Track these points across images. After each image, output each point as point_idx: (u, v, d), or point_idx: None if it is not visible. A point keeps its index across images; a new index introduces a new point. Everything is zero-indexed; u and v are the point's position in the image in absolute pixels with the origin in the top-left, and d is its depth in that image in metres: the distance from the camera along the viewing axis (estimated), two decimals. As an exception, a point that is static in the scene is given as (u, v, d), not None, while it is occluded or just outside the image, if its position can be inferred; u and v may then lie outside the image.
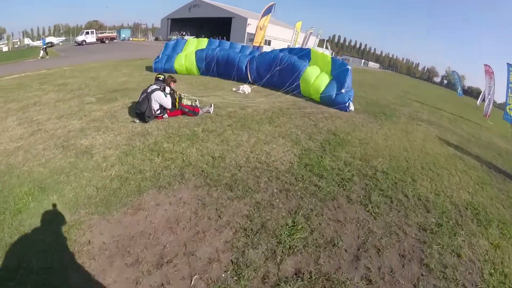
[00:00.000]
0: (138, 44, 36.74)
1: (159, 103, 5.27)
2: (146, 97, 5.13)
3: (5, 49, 38.01)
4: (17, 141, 4.77)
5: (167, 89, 5.49)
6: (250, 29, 33.31)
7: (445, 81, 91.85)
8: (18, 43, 43.00)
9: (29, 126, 5.38)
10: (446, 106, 16.52)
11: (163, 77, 5.65)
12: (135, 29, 62.51)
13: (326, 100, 7.89)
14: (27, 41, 42.64)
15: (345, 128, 6.39)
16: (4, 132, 5.17)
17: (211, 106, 6.13)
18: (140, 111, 5.15)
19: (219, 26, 44.67)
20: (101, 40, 35.99)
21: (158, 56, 10.46)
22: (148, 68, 11.78)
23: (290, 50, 9.20)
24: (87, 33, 34.84)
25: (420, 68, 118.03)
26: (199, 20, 46.65)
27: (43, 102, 6.92)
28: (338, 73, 8.09)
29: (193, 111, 5.73)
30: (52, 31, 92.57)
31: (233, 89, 8.59)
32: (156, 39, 48.52)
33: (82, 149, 4.41)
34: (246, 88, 8.50)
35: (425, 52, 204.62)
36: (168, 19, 49.52)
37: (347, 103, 7.74)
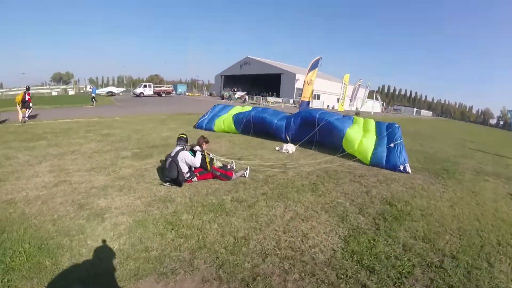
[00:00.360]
0: (192, 99, 40.17)
1: (186, 164, 4.98)
2: (173, 161, 4.91)
3: (71, 92, 43.84)
4: (40, 190, 4.79)
5: (197, 148, 5.29)
6: (299, 84, 35.10)
7: (501, 122, 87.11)
8: (84, 88, 49.32)
9: (57, 175, 5.46)
10: (509, 151, 14.89)
11: (185, 136, 5.48)
12: (192, 84, 68.06)
13: (377, 162, 7.00)
14: (89, 88, 48.82)
15: (403, 194, 5.35)
16: (32, 178, 5.31)
17: (247, 169, 5.68)
18: (171, 177, 4.86)
19: (269, 82, 47.10)
20: (158, 94, 39.12)
21: (204, 115, 10.97)
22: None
23: (331, 115, 8.91)
24: (145, 86, 38.15)
25: (474, 111, 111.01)
26: (250, 77, 50.28)
27: (81, 151, 7.23)
28: (388, 134, 7.40)
29: (225, 175, 5.31)
30: (115, 81, 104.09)
31: (276, 148, 8.22)
32: (210, 94, 52.19)
33: (97, 210, 4.10)
34: (290, 147, 8.06)
35: (477, 94, 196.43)
36: (221, 75, 54.24)
37: (403, 166, 6.77)
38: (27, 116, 12.26)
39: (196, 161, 5.10)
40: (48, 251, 3.09)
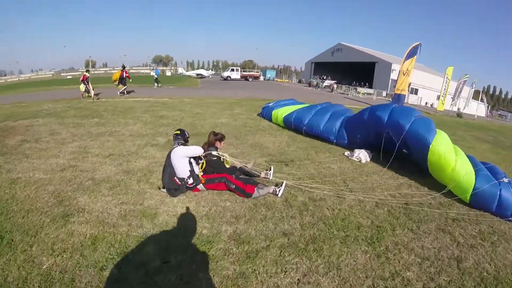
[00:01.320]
0: (278, 85, 40.21)
1: (187, 164, 3.79)
2: (165, 165, 3.84)
3: (168, 73, 51.16)
4: (46, 173, 4.70)
5: (212, 151, 4.07)
6: (394, 75, 30.66)
7: None
8: (179, 70, 56.71)
9: (73, 159, 5.38)
10: None
11: (179, 132, 4.25)
12: (282, 70, 69.18)
13: (482, 202, 4.06)
14: (180, 70, 56.26)
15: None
16: (51, 158, 5.41)
17: (282, 185, 4.11)
18: (164, 185, 3.89)
19: (361, 72, 43.89)
20: (245, 78, 41.53)
21: (269, 103, 9.80)
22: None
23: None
24: (232, 70, 42.27)
25: None
26: (342, 65, 47.63)
27: (120, 133, 7.22)
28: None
29: (243, 190, 3.87)
30: (211, 65, 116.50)
31: (346, 153, 6.18)
32: (299, 81, 52.13)
33: (68, 211, 3.57)
34: (363, 154, 5.86)
35: None
36: (311, 62, 52.98)
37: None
38: (125, 92, 15.50)
39: (195, 151, 3.99)
40: (11, 246, 2.84)
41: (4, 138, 6.77)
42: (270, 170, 4.61)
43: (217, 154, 4.21)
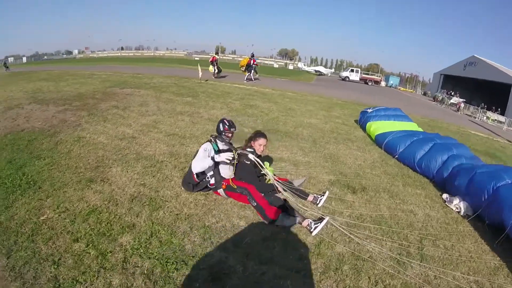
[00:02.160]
0: (399, 94, 36.87)
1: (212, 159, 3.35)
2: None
3: (290, 67, 54.41)
4: (108, 138, 5.30)
5: (251, 156, 3.48)
6: None
7: None
8: (298, 65, 59.16)
9: (138, 131, 5.91)
10: None
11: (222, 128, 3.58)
12: (408, 78, 65.05)
13: None
14: (300, 64, 58.32)
15: None
16: (123, 127, 6.13)
17: (322, 222, 3.06)
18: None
19: (493, 93, 37.10)
20: (364, 81, 39.99)
21: (367, 109, 8.58)
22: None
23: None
24: (352, 70, 41.40)
25: None
26: (473, 81, 41.03)
27: (200, 115, 7.59)
28: None
29: (263, 211, 3.05)
30: (334, 64, 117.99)
31: (444, 196, 4.37)
32: (424, 93, 47.42)
33: (97, 177, 3.81)
34: (464, 205, 4.10)
35: None
36: (441, 74, 46.50)
37: None
38: (252, 78, 17.70)
39: (203, 163, 3.29)
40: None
41: (101, 101, 8.16)
42: (324, 195, 3.65)
43: (253, 159, 3.52)
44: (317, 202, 3.54)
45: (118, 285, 2.11)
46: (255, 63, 18.04)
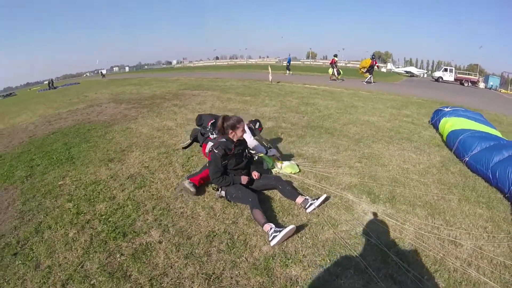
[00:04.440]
0: (498, 96, 30.21)
1: None
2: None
3: (383, 70, 53.04)
4: (149, 129, 6.48)
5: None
6: None
7: None
8: (388, 66, 59.27)
9: (178, 124, 6.95)
10: None
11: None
12: (511, 80, 54.19)
13: None
14: (389, 66, 58.58)
15: None
16: (168, 121, 7.22)
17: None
18: None
19: None
20: (460, 81, 36.91)
21: (444, 108, 7.64)
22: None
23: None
24: (445, 70, 38.79)
25: None
26: None
27: (246, 111, 8.23)
28: None
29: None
30: (430, 65, 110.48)
31: None
32: None
33: (117, 158, 4.85)
34: None
35: None
36: None
37: None
38: (371, 81, 18.39)
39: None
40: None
41: (167, 100, 9.74)
42: (318, 199, 3.32)
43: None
44: (306, 206, 3.24)
45: (71, 237, 2.85)
46: (376, 64, 18.90)
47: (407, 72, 48.67)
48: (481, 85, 39.37)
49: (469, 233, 2.98)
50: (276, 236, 2.65)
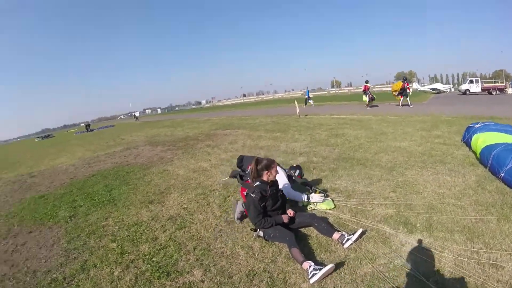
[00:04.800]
0: None
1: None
2: None
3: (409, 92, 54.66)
4: (185, 171, 6.82)
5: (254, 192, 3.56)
6: None
7: None
8: (413, 86, 58.78)
9: (212, 165, 7.20)
10: None
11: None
12: None
13: None
14: (415, 85, 58.57)
15: None
16: (203, 162, 7.56)
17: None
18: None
19: None
20: (487, 91, 35.89)
21: (475, 124, 7.40)
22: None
23: None
24: (471, 81, 38.60)
25: None
26: None
27: (276, 148, 8.31)
28: None
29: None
30: (455, 78, 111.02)
31: None
32: None
33: (156, 200, 5.14)
34: None
35: None
36: None
37: None
38: (408, 103, 18.34)
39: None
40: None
41: (200, 141, 10.21)
42: (354, 233, 3.33)
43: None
44: (343, 242, 3.24)
45: (116, 276, 2.99)
46: (408, 86, 19.02)
47: (433, 89, 49.12)
48: (510, 90, 38.66)
49: (510, 254, 2.86)
50: (315, 274, 2.68)
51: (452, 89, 50.84)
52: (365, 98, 19.44)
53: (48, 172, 8.78)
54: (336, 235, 3.32)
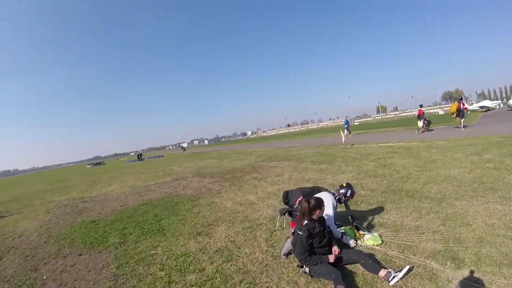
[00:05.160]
0: None
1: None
2: None
3: (441, 112, 50.61)
4: (232, 203, 7.01)
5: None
6: None
7: None
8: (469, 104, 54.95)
9: (259, 198, 7.29)
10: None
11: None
12: None
13: None
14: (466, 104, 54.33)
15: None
16: (249, 194, 7.65)
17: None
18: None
19: None
20: None
21: None
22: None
23: None
24: None
25: None
26: None
27: (322, 181, 7.99)
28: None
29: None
30: (506, 91, 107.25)
31: None
32: None
33: (204, 232, 5.30)
34: None
35: None
36: None
37: None
38: (462, 126, 17.88)
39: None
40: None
41: (247, 173, 10.44)
42: (401, 271, 3.25)
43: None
44: (390, 279, 3.17)
45: None
46: (465, 106, 18.63)
47: (481, 107, 48.06)
48: None
49: None
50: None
51: (501, 105, 49.21)
52: (420, 123, 18.98)
53: (100, 198, 9.47)
54: (382, 272, 3.28)
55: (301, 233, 3.42)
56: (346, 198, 4.59)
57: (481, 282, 2.95)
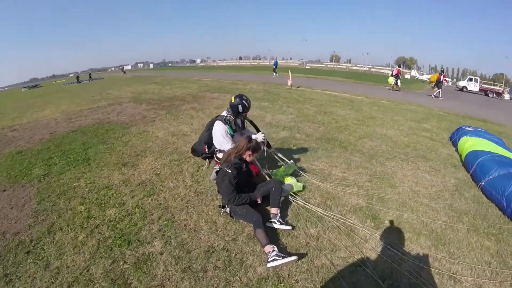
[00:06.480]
0: None
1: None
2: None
3: (407, 76, 55.65)
4: (164, 134, 6.80)
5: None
6: None
7: None
8: (412, 73, 59.95)
9: (193, 129, 7.17)
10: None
11: (235, 100, 4.07)
12: None
13: None
14: (413, 73, 59.86)
15: None
16: (184, 125, 7.45)
17: (287, 258, 2.75)
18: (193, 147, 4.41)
19: None
20: (484, 92, 37.72)
21: (466, 127, 7.48)
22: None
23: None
24: (470, 79, 39.74)
25: None
26: None
27: (260, 118, 7.96)
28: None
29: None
30: (458, 73, 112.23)
31: None
32: None
33: (130, 163, 5.15)
34: None
35: None
36: None
37: None
38: (439, 95, 18.83)
39: (218, 139, 3.88)
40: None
41: (186, 103, 10.12)
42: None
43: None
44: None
45: (80, 241, 3.09)
46: (444, 78, 20.34)
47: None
48: (506, 96, 38.79)
49: (471, 268, 2.93)
50: (276, 260, 2.72)
51: (450, 83, 51.15)
52: (392, 80, 20.33)
53: (30, 125, 8.62)
54: (274, 210, 3.41)
55: (229, 171, 3.27)
56: (241, 113, 4.19)
57: (397, 247, 3.09)
